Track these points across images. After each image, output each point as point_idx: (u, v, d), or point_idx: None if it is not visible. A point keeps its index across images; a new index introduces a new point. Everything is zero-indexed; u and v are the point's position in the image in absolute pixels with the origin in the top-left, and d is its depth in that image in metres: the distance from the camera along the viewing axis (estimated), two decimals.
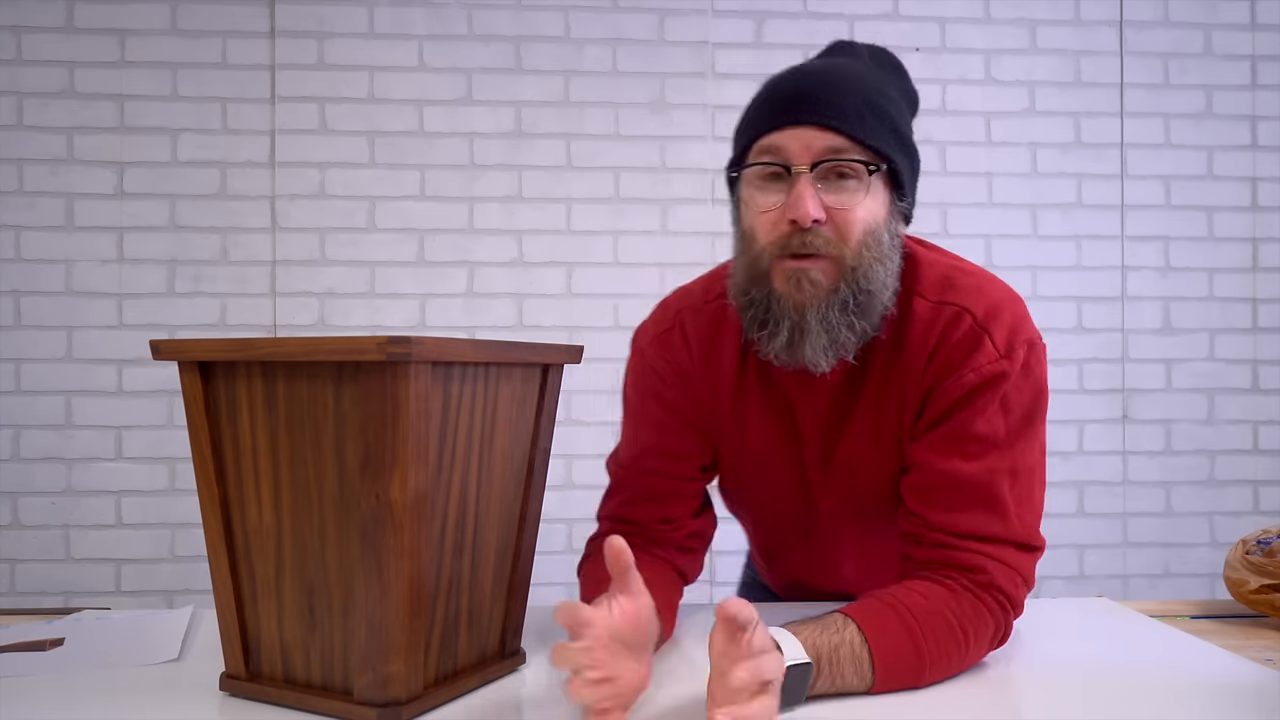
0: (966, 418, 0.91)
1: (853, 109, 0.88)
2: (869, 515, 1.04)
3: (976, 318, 0.92)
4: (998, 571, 0.89)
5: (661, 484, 1.05)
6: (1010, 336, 0.92)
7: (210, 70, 2.48)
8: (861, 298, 0.90)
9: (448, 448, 0.79)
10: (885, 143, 0.90)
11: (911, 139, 0.95)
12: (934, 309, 0.94)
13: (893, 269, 0.93)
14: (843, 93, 0.89)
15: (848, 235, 0.89)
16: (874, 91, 0.91)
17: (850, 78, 0.91)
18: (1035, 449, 0.94)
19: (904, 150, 0.93)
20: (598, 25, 2.55)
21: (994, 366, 0.90)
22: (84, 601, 2.44)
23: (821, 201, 0.88)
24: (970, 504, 0.90)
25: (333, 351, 0.73)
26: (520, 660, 0.93)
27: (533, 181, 2.54)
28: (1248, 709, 0.80)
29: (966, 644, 0.87)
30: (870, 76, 0.93)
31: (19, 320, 2.45)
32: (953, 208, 2.61)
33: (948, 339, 0.93)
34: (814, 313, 0.90)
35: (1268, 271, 2.65)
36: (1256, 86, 2.65)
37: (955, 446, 0.91)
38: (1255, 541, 1.16)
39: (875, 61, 0.98)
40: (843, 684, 0.81)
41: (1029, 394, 0.92)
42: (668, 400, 1.04)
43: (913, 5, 2.60)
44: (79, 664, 0.93)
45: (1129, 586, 2.62)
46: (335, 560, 0.78)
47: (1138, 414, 2.64)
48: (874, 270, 0.90)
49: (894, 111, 0.92)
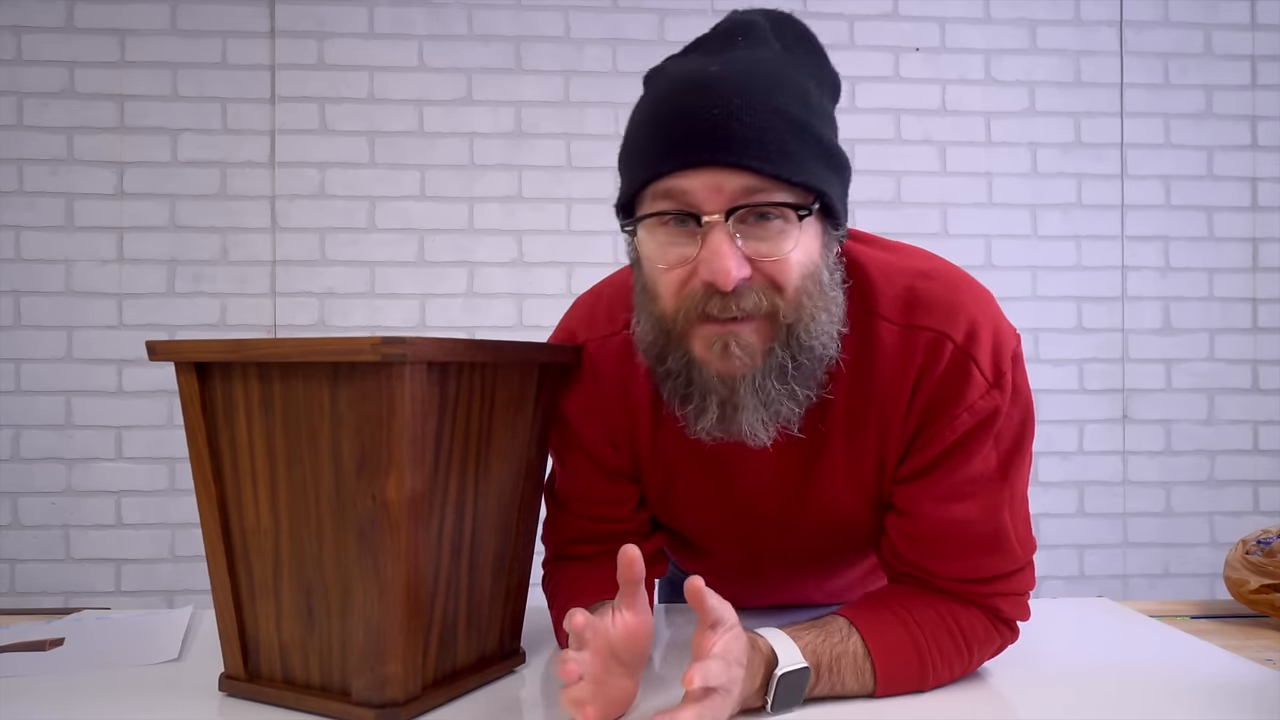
0: (963, 460, 0.83)
1: (774, 139, 0.72)
2: (832, 552, 0.98)
3: (957, 343, 0.81)
4: (1005, 605, 0.88)
5: (600, 527, 0.96)
6: (995, 358, 0.81)
7: (210, 70, 2.48)
8: (803, 357, 0.76)
9: (444, 448, 0.79)
10: (815, 174, 0.74)
11: (837, 146, 0.78)
12: (904, 334, 0.82)
13: (837, 312, 0.79)
14: (757, 114, 0.71)
15: (782, 287, 0.74)
16: (797, 104, 0.74)
17: (765, 90, 0.73)
18: (1025, 465, 0.87)
19: (836, 170, 0.77)
20: (598, 25, 2.55)
21: (987, 402, 0.81)
22: (84, 601, 2.44)
23: (742, 253, 0.73)
24: (976, 548, 0.85)
25: (328, 352, 0.73)
26: (519, 660, 0.92)
27: (533, 181, 2.54)
28: (1248, 709, 0.80)
29: (970, 656, 0.86)
30: (786, 78, 0.75)
31: (19, 320, 2.45)
32: (953, 208, 2.60)
33: (931, 372, 0.81)
34: (747, 384, 0.76)
35: (1268, 271, 2.65)
36: (1256, 86, 2.65)
37: (954, 494, 0.84)
38: (1255, 541, 1.16)
39: (783, 42, 0.80)
40: (842, 690, 0.81)
41: (1018, 417, 0.84)
42: (592, 451, 0.93)
43: (913, 5, 2.59)
44: (79, 664, 0.93)
45: (1129, 586, 2.62)
46: (333, 561, 0.78)
47: (1138, 414, 2.64)
48: (816, 322, 0.76)
49: (821, 124, 0.76)
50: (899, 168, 2.60)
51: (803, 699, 0.79)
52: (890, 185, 2.60)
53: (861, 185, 2.58)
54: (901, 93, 2.60)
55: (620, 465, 0.93)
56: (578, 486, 0.96)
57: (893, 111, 2.60)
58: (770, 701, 0.77)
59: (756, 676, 0.76)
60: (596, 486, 0.95)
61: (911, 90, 2.61)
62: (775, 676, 0.76)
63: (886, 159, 2.59)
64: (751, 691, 0.76)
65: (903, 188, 2.60)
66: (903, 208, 2.59)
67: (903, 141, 2.60)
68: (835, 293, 0.79)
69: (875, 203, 2.59)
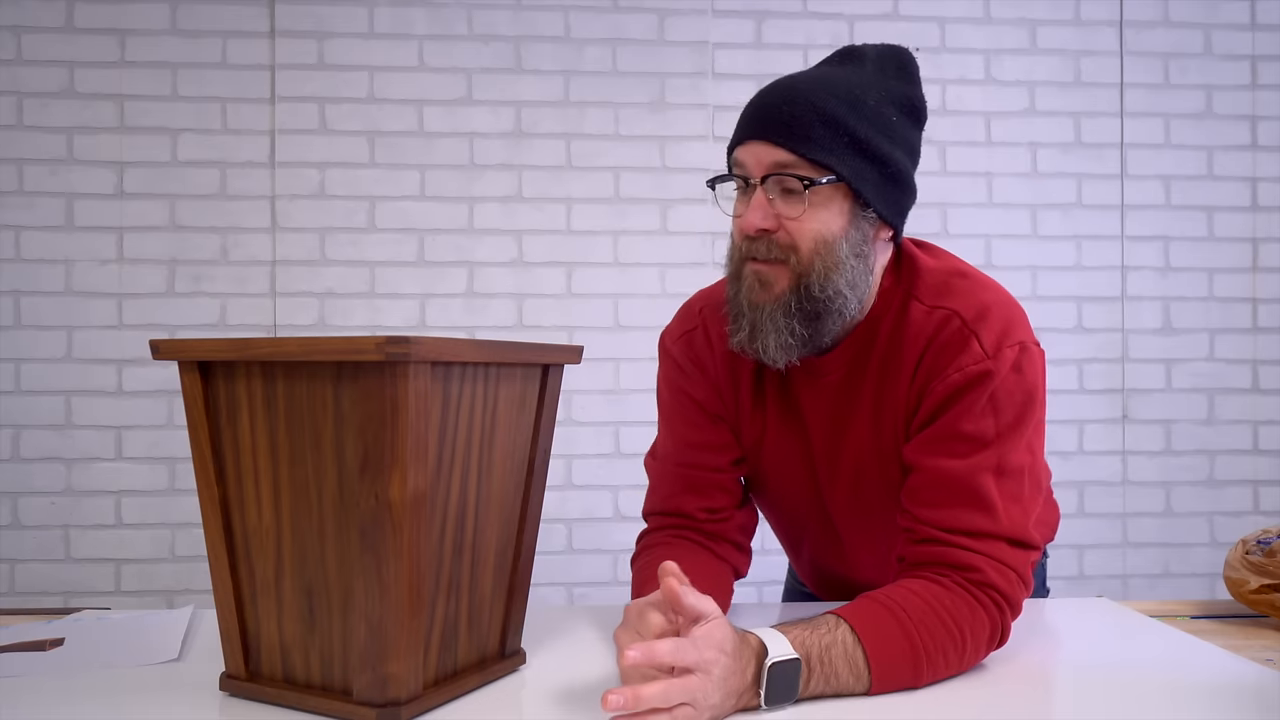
0: (953, 417, 0.92)
1: (800, 124, 0.90)
2: (874, 513, 1.05)
3: (966, 320, 0.94)
4: (991, 569, 0.89)
5: (699, 476, 1.09)
6: (999, 338, 0.92)
7: (210, 70, 2.48)
8: (810, 305, 0.93)
9: (447, 448, 0.79)
10: (833, 156, 0.90)
11: (884, 148, 0.93)
12: (927, 313, 0.96)
13: (857, 277, 0.94)
14: (796, 107, 0.91)
15: (796, 244, 0.92)
16: (839, 103, 0.91)
17: (815, 90, 0.92)
18: (1025, 449, 0.94)
19: (865, 161, 0.92)
20: (598, 25, 2.55)
21: (979, 366, 0.91)
22: (84, 601, 2.44)
23: (774, 212, 0.92)
24: (957, 500, 0.91)
25: (332, 351, 0.73)
26: (520, 660, 0.93)
27: (533, 181, 2.54)
28: (1248, 709, 0.80)
29: (963, 642, 0.86)
30: (844, 87, 0.92)
31: (19, 320, 2.45)
32: (953, 208, 2.61)
33: (936, 341, 0.95)
34: (765, 312, 0.94)
35: (1268, 271, 2.65)
36: (1256, 86, 2.65)
37: (943, 445, 0.93)
38: (1255, 541, 1.16)
39: (879, 66, 0.97)
40: (838, 683, 0.81)
41: (1020, 395, 0.92)
42: (696, 396, 1.08)
43: (913, 5, 2.60)
44: (79, 664, 0.93)
45: (1129, 586, 2.62)
46: (335, 560, 0.78)
47: (1138, 414, 2.64)
48: (829, 279, 0.92)
49: (856, 121, 0.91)
50: None
51: (797, 693, 0.79)
52: None
53: None
54: None
55: (722, 412, 1.09)
56: (681, 433, 1.11)
57: None
58: (764, 694, 0.77)
59: (748, 669, 0.77)
60: (698, 430, 1.09)
61: None
62: (765, 667, 0.77)
63: None
64: (745, 686, 0.77)
65: None
66: None
67: None
68: (856, 264, 0.94)
69: None
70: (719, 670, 0.74)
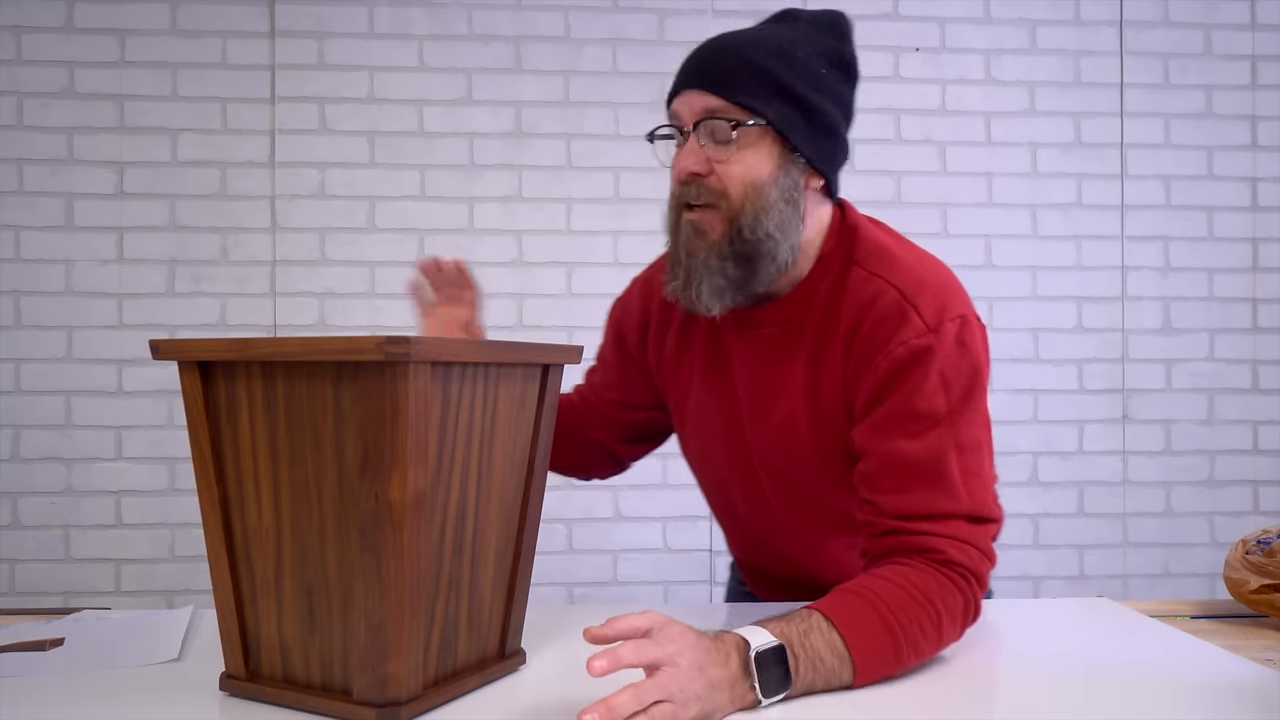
0: (904, 395, 0.92)
1: (727, 71, 0.94)
2: (807, 480, 1.05)
3: (903, 292, 0.94)
4: (952, 548, 0.89)
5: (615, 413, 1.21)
6: (939, 312, 0.93)
7: (210, 70, 2.48)
8: (742, 247, 0.95)
9: (447, 448, 0.79)
10: (760, 100, 0.94)
11: (812, 97, 0.95)
12: (865, 279, 0.97)
13: (786, 222, 0.96)
14: (723, 56, 0.95)
15: (726, 187, 0.95)
16: (765, 54, 0.95)
17: (742, 43, 0.96)
18: (979, 422, 0.95)
19: (791, 107, 0.95)
20: (598, 25, 2.55)
21: (922, 340, 0.92)
22: (84, 601, 2.44)
23: (705, 155, 0.95)
24: (918, 483, 0.91)
25: (332, 351, 0.73)
26: (520, 660, 0.93)
27: (533, 181, 2.54)
28: (1248, 709, 0.80)
29: (938, 617, 0.87)
30: (772, 39, 0.96)
31: (19, 320, 2.45)
32: (953, 208, 2.61)
33: (871, 310, 0.95)
34: (700, 260, 0.97)
35: (1268, 271, 2.65)
36: (1256, 86, 2.65)
37: (897, 426, 0.92)
38: (1255, 541, 1.16)
39: (812, 25, 1.00)
40: (825, 669, 0.81)
41: (966, 369, 0.93)
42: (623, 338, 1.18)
43: (913, 5, 2.60)
44: (79, 664, 0.93)
45: (1129, 586, 2.62)
46: (335, 560, 0.78)
47: (1138, 414, 2.64)
48: (759, 221, 0.95)
49: (784, 71, 0.94)
50: (899, 168, 2.60)
51: (791, 681, 0.79)
52: (890, 185, 2.60)
53: (861, 185, 2.58)
54: (901, 93, 2.61)
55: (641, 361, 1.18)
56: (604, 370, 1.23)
57: (893, 111, 2.60)
58: (758, 684, 0.77)
59: (730, 660, 0.77)
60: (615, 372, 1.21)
61: (911, 90, 2.61)
62: (752, 656, 0.77)
63: (886, 159, 2.60)
64: (733, 677, 0.77)
65: (903, 188, 2.60)
66: (903, 208, 2.59)
67: (903, 141, 2.60)
68: (786, 209, 0.96)
69: (875, 203, 2.59)
70: (686, 660, 0.73)
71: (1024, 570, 2.58)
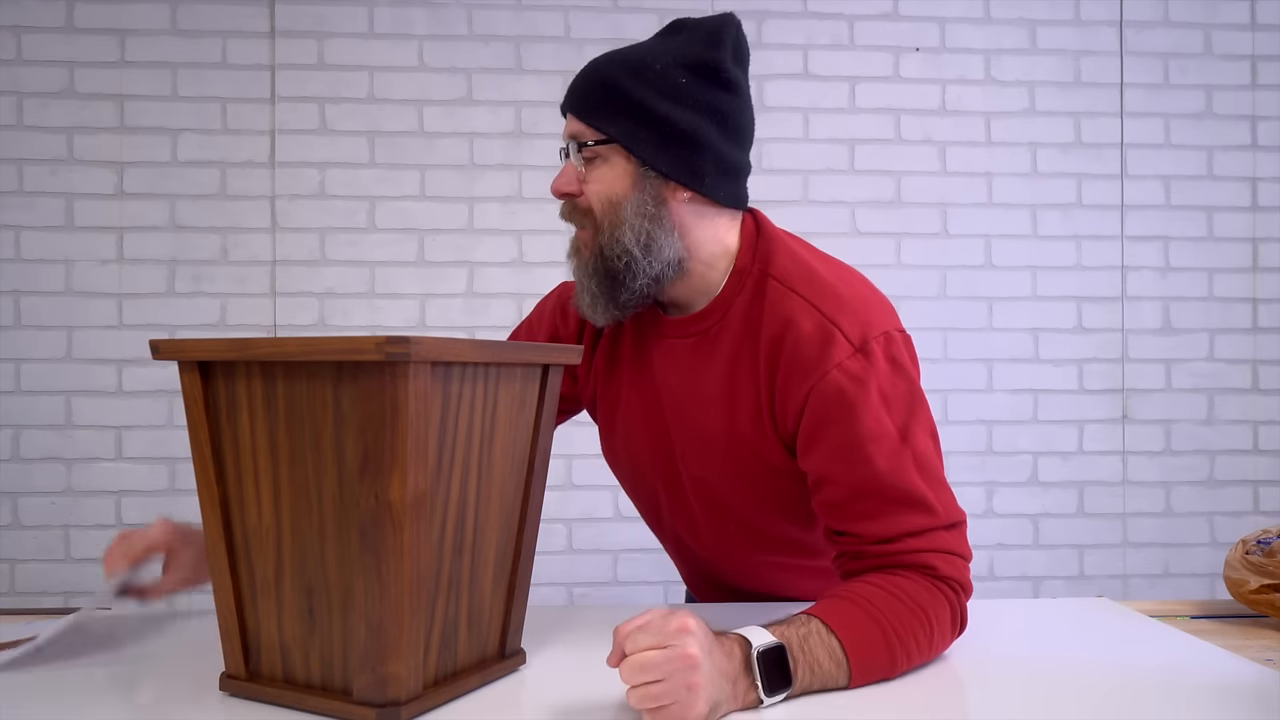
0: (850, 423, 0.92)
1: (584, 93, 0.98)
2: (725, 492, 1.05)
3: (824, 312, 0.94)
4: (941, 562, 0.91)
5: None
6: (862, 330, 0.93)
7: (210, 70, 2.48)
8: (604, 264, 0.99)
9: (447, 448, 0.79)
10: (604, 118, 0.97)
11: (663, 108, 0.95)
12: (783, 294, 0.97)
13: (648, 238, 0.97)
14: (586, 78, 0.99)
15: (589, 206, 0.99)
16: (620, 71, 0.97)
17: (608, 63, 0.98)
18: (928, 432, 0.95)
19: (642, 122, 0.96)
20: (598, 25, 2.55)
21: (853, 363, 0.92)
22: (84, 601, 2.44)
23: (574, 177, 1.00)
24: (892, 505, 0.91)
25: (332, 351, 0.73)
26: (520, 660, 0.93)
27: (533, 181, 2.54)
28: (1248, 709, 0.80)
29: (931, 627, 0.88)
30: (638, 55, 0.98)
31: (19, 320, 2.45)
32: (953, 208, 2.60)
33: (792, 328, 0.95)
34: (579, 273, 1.02)
35: (1268, 271, 2.65)
36: (1256, 86, 2.65)
37: (853, 452, 0.92)
38: (1255, 541, 1.16)
39: (689, 35, 1.00)
40: (822, 673, 0.82)
41: (904, 385, 0.94)
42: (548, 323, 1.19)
43: (913, 5, 2.60)
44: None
45: (1129, 586, 2.62)
46: (335, 560, 0.78)
47: (1138, 414, 2.64)
48: (615, 239, 0.97)
49: (634, 86, 0.96)
50: (899, 168, 2.60)
51: (792, 680, 0.80)
52: (890, 185, 2.60)
53: (861, 185, 2.58)
54: (901, 93, 2.60)
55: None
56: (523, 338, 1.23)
57: (893, 111, 2.60)
58: (761, 682, 0.78)
59: (734, 656, 0.78)
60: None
61: (911, 90, 2.61)
62: (754, 654, 0.78)
63: (886, 159, 2.60)
64: (736, 673, 0.77)
65: (903, 188, 2.60)
66: (903, 208, 2.59)
67: (903, 141, 2.60)
68: (646, 225, 0.98)
69: (875, 203, 2.59)
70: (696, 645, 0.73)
71: (1024, 570, 2.58)
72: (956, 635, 0.93)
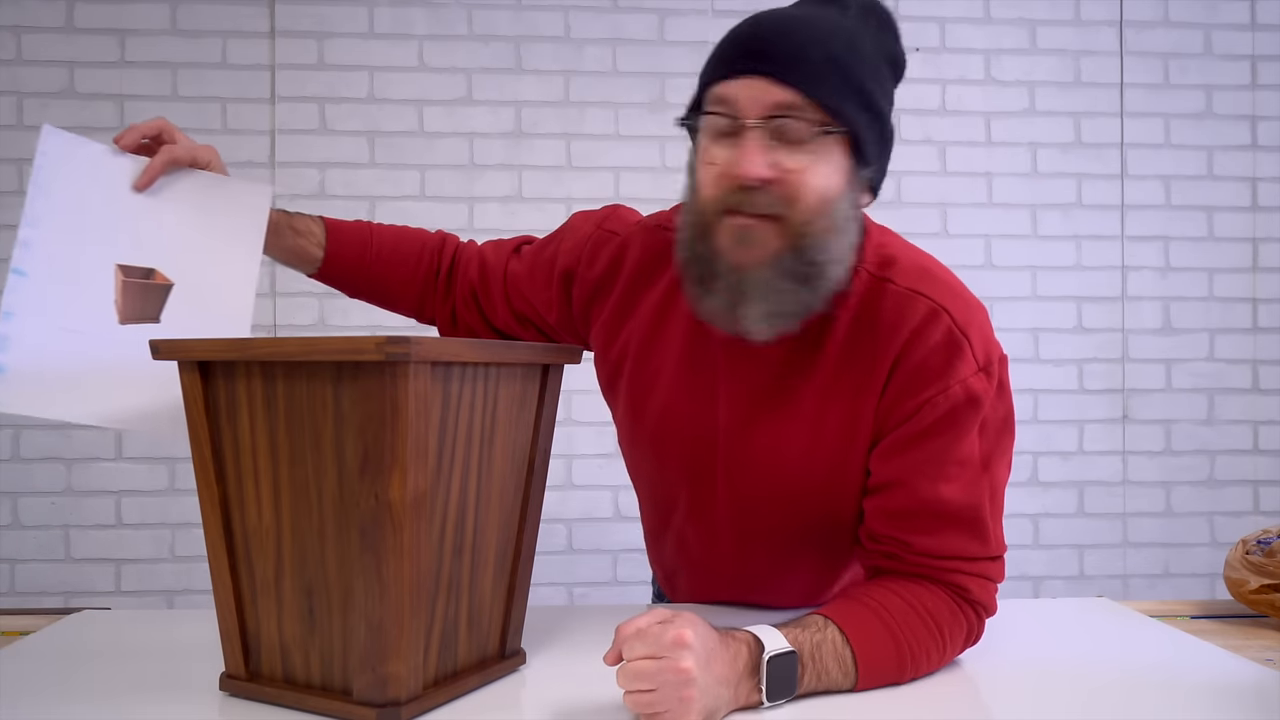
0: (950, 439, 0.87)
1: (812, 63, 0.80)
2: (775, 516, 0.96)
3: (955, 320, 0.85)
4: (975, 586, 0.90)
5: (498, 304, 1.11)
6: (987, 349, 0.87)
7: (210, 70, 2.48)
8: (807, 268, 0.83)
9: (447, 448, 0.79)
10: (846, 104, 0.81)
11: (882, 104, 0.86)
12: (905, 297, 0.87)
13: (847, 243, 0.86)
14: (804, 44, 0.80)
15: (796, 199, 0.81)
16: (844, 47, 0.82)
17: (818, 29, 0.82)
18: (1006, 464, 0.93)
19: (869, 115, 0.84)
20: (598, 25, 2.55)
21: (977, 382, 0.85)
22: (84, 601, 2.44)
23: (771, 160, 0.81)
24: (955, 529, 0.89)
25: (332, 351, 0.73)
26: (520, 661, 0.93)
27: (533, 181, 2.54)
28: (1248, 709, 0.80)
29: (944, 642, 0.88)
30: (845, 30, 0.83)
31: None
32: (953, 208, 2.60)
33: (924, 337, 0.85)
34: (755, 276, 0.83)
35: (1268, 271, 2.65)
36: (1256, 86, 2.65)
37: (938, 470, 0.87)
38: (1255, 541, 1.16)
39: (862, 15, 0.88)
40: (828, 680, 0.82)
41: (1002, 412, 0.90)
42: (560, 269, 1.04)
43: (913, 5, 2.59)
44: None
45: (1129, 586, 2.62)
46: (335, 560, 0.78)
47: (1138, 414, 2.64)
48: (826, 240, 0.83)
49: (863, 72, 0.83)
50: (899, 168, 2.59)
51: (796, 688, 0.79)
52: (890, 185, 2.60)
53: None
54: (901, 93, 2.58)
55: (571, 314, 1.04)
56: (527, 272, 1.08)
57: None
58: (764, 687, 0.77)
59: (738, 659, 0.77)
60: (531, 288, 1.07)
61: (911, 90, 2.60)
62: (764, 660, 0.77)
63: None
64: (738, 676, 0.76)
65: (903, 188, 2.60)
66: (903, 208, 2.59)
67: (903, 141, 2.60)
68: (850, 226, 0.86)
69: (875, 203, 2.58)
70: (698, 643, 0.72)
71: (1024, 570, 2.58)
72: (967, 648, 0.92)
